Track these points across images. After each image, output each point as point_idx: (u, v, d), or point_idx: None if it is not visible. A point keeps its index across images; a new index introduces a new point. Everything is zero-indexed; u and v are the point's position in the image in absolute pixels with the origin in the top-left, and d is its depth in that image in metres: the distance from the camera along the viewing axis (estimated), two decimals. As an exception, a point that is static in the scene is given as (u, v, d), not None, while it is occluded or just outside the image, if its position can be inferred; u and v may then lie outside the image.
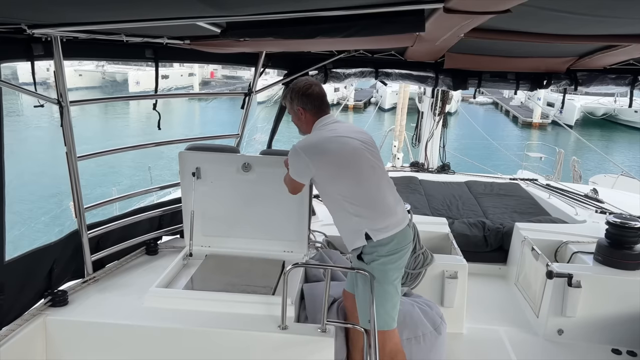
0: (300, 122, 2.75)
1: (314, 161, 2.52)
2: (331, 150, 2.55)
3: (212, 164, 3.20)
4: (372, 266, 2.54)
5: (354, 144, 2.59)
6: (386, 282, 2.55)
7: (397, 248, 2.55)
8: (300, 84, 2.71)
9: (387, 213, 2.57)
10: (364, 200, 2.56)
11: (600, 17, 2.23)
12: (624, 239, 3.63)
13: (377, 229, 2.52)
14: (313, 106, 2.68)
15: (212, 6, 1.88)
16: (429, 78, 4.18)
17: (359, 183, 2.55)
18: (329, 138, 2.59)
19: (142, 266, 3.27)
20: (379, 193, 2.59)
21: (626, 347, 3.46)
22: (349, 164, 2.54)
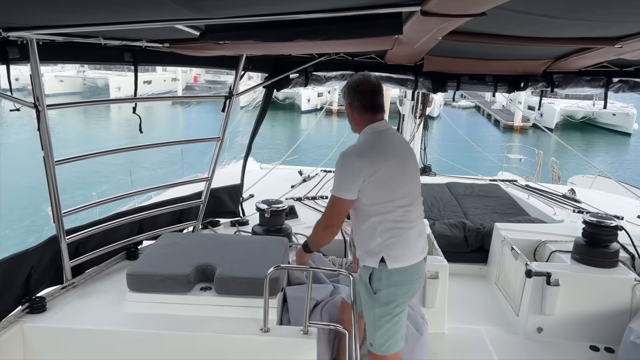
0: (349, 118, 2.62)
1: (365, 165, 2.37)
2: (379, 161, 2.41)
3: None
4: (378, 295, 2.46)
5: (401, 162, 2.48)
6: (389, 308, 2.47)
7: (407, 279, 2.47)
8: (355, 77, 2.58)
9: (410, 241, 2.47)
10: (391, 223, 2.44)
11: (573, 19, 2.29)
12: (600, 238, 3.71)
13: (394, 255, 2.43)
14: (360, 104, 2.52)
15: (189, 9, 1.88)
16: (408, 81, 4.22)
17: (392, 202, 2.44)
18: (378, 147, 2.45)
19: (123, 271, 3.23)
20: (407, 218, 2.47)
21: (604, 344, 3.52)
22: (389, 180, 2.42)
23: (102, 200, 3.48)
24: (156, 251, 3.08)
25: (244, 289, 2.74)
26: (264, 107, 4.19)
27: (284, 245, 3.18)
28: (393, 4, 1.98)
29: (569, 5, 2.03)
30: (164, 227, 3.73)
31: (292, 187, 5.82)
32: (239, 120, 7.07)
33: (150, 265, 2.87)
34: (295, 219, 4.52)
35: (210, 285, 2.83)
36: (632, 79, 4.16)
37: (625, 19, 2.28)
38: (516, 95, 22.09)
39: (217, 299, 2.78)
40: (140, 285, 2.79)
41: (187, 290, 2.79)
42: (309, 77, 4.02)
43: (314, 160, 8.24)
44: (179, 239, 3.29)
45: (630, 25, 2.42)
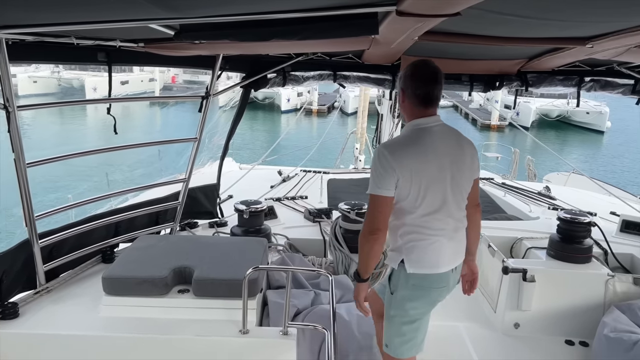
0: (400, 106, 2.41)
1: (395, 162, 2.23)
2: (410, 160, 2.25)
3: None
4: (394, 295, 2.38)
5: (439, 165, 2.29)
6: (404, 310, 2.37)
7: (426, 285, 2.33)
8: (413, 62, 2.35)
9: (432, 249, 2.31)
10: (413, 227, 2.31)
11: (545, 20, 2.33)
12: (574, 234, 3.78)
13: (414, 259, 2.30)
14: (414, 94, 2.31)
15: (163, 8, 1.85)
16: (386, 80, 4.24)
17: (418, 206, 2.29)
18: (414, 145, 2.29)
19: (98, 275, 3.18)
20: (432, 225, 2.31)
21: (578, 338, 3.59)
22: (419, 183, 2.26)
23: (76, 203, 3.42)
24: (132, 254, 3.04)
25: (222, 290, 2.72)
26: (241, 107, 4.16)
27: (262, 246, 3.16)
28: (369, 4, 1.99)
29: (540, 5, 2.06)
30: (140, 230, 3.68)
31: (271, 188, 5.80)
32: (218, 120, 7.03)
33: (126, 268, 2.83)
34: (274, 219, 4.51)
35: (188, 287, 2.80)
36: (603, 78, 4.26)
37: (595, 19, 2.33)
38: (493, 94, 22.42)
39: (195, 301, 2.75)
40: (117, 288, 2.75)
41: (165, 293, 2.76)
42: (287, 77, 4.01)
43: (293, 160, 8.24)
44: (156, 241, 3.25)
45: (600, 26, 2.48)
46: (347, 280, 3.42)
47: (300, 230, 4.38)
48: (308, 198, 5.33)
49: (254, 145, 21.23)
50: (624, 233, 4.39)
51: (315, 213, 4.61)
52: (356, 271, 2.46)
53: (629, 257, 4.09)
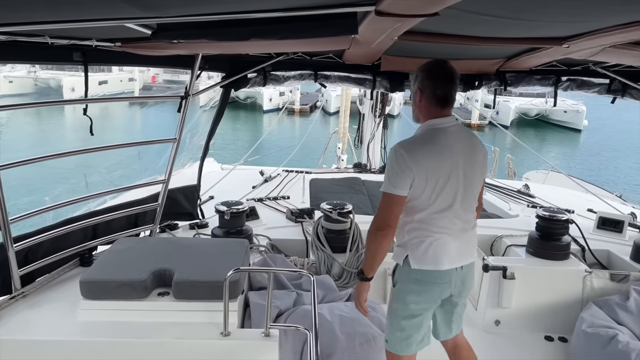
0: (415, 106, 2.43)
1: (412, 161, 2.27)
2: (424, 160, 2.29)
3: None
4: (396, 288, 2.46)
5: (452, 165, 2.33)
6: (405, 304, 2.43)
7: (428, 281, 2.38)
8: (432, 62, 2.38)
9: (437, 246, 2.35)
10: (419, 224, 2.36)
11: (521, 20, 2.35)
12: (552, 231, 3.84)
13: (418, 256, 2.36)
14: (433, 94, 2.35)
15: (139, 7, 1.82)
16: (366, 80, 4.25)
17: (428, 205, 2.33)
18: (429, 145, 2.33)
19: (76, 279, 3.12)
20: (440, 223, 2.36)
21: (557, 334, 3.64)
22: (431, 182, 2.30)
23: (53, 205, 3.35)
24: (111, 257, 2.99)
25: (203, 293, 2.69)
26: (221, 107, 4.13)
27: (244, 247, 3.14)
28: (348, 4, 1.99)
29: (516, 6, 2.09)
30: (119, 232, 3.62)
31: (253, 188, 5.76)
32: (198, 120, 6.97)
33: (104, 272, 2.78)
34: (256, 220, 4.48)
35: (168, 290, 2.77)
36: (580, 78, 4.34)
37: (570, 20, 2.37)
38: (473, 93, 22.67)
39: (175, 304, 2.71)
40: (95, 292, 2.70)
41: (144, 296, 2.72)
42: (268, 77, 3.99)
43: (275, 160, 8.20)
44: (135, 244, 3.20)
45: (575, 26, 2.52)
46: (329, 280, 3.42)
47: (282, 231, 4.36)
48: (290, 198, 5.32)
49: (235, 146, 21.11)
50: (601, 230, 4.47)
51: (297, 213, 4.59)
52: (360, 269, 2.46)
53: (606, 253, 4.17)
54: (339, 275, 3.56)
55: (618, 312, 3.30)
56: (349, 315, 3.00)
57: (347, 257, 3.61)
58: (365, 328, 2.97)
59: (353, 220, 3.79)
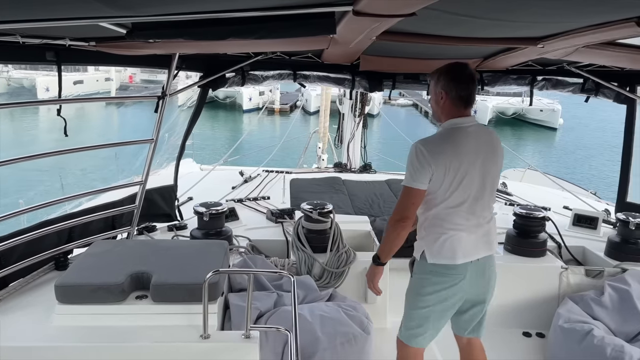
0: (438, 106, 2.55)
1: (431, 157, 2.39)
2: (443, 157, 2.40)
3: None
4: (412, 279, 2.64)
5: (470, 163, 2.44)
6: (420, 296, 2.58)
7: (443, 272, 2.50)
8: (454, 65, 2.51)
9: (451, 242, 2.48)
10: (436, 220, 2.50)
11: (498, 20, 2.38)
12: (529, 229, 3.90)
13: (434, 251, 2.51)
14: (458, 95, 2.46)
15: (112, 7, 1.79)
16: (345, 80, 4.26)
17: (444, 200, 2.46)
18: (448, 143, 2.45)
19: (51, 283, 3.05)
20: (455, 220, 2.48)
21: (535, 330, 3.70)
22: (448, 179, 2.42)
23: (27, 208, 3.27)
24: (87, 260, 2.93)
25: (182, 295, 2.66)
26: (198, 107, 4.09)
27: (223, 249, 3.11)
28: (326, 4, 1.98)
29: (493, 6, 2.11)
30: (95, 235, 3.55)
31: (233, 189, 5.72)
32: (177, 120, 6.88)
33: (80, 275, 2.73)
34: (236, 220, 4.45)
35: (146, 293, 2.73)
36: (554, 77, 4.42)
37: (545, 20, 2.40)
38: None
39: (153, 307, 2.67)
40: (70, 296, 2.65)
41: (122, 300, 2.67)
42: (246, 77, 3.96)
43: (256, 160, 8.16)
44: (112, 247, 3.15)
45: (550, 26, 2.56)
46: (310, 280, 3.42)
47: (262, 232, 4.34)
48: (270, 199, 5.29)
49: (215, 146, 20.95)
50: (576, 226, 4.56)
51: (277, 214, 4.57)
52: (375, 254, 2.63)
53: (581, 249, 4.25)
54: (319, 275, 3.55)
55: (593, 307, 3.37)
56: (329, 315, 3.00)
57: (327, 257, 3.61)
58: (346, 328, 2.97)
59: (333, 220, 3.79)
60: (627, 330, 3.23)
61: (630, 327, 3.24)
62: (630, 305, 3.30)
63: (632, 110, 4.48)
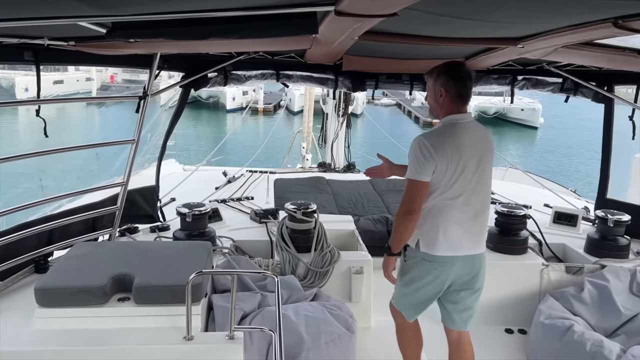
0: (437, 103, 2.67)
1: (434, 151, 2.51)
2: (443, 151, 2.53)
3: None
4: (405, 264, 2.78)
5: (465, 157, 2.57)
6: (408, 276, 2.77)
7: (434, 260, 2.64)
8: (452, 64, 2.65)
9: (444, 232, 2.61)
10: (431, 211, 2.62)
11: (478, 20, 2.41)
12: (510, 227, 3.95)
13: (427, 241, 2.64)
14: (457, 93, 2.61)
15: (90, 6, 1.76)
16: (329, 80, 4.26)
17: (442, 193, 2.59)
18: (447, 138, 2.57)
19: (31, 286, 3.00)
20: (449, 212, 2.61)
21: (517, 326, 3.75)
22: (446, 173, 2.55)
23: (5, 211, 3.20)
24: (68, 262, 2.89)
25: (164, 297, 2.64)
26: (180, 107, 4.06)
27: (206, 250, 3.09)
28: (308, 4, 1.99)
29: (473, 7, 2.13)
30: (76, 237, 3.50)
31: (216, 189, 5.69)
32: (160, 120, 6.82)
33: (61, 278, 2.68)
34: (219, 221, 4.42)
35: (129, 295, 2.70)
36: (534, 77, 4.48)
37: (524, 21, 2.44)
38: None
39: (136, 309, 2.64)
40: (51, 300, 2.60)
41: (103, 302, 2.64)
42: (228, 77, 3.94)
43: (239, 160, 8.13)
44: (93, 249, 3.11)
45: (529, 27, 2.59)
46: (294, 280, 3.41)
47: (246, 232, 4.32)
48: (254, 199, 5.28)
49: (198, 146, 20.79)
50: (556, 224, 4.63)
51: (261, 214, 4.56)
52: (387, 245, 2.74)
53: (562, 246, 4.32)
54: (304, 275, 3.55)
55: (573, 303, 3.42)
56: (314, 315, 3.00)
57: (312, 256, 3.61)
58: (330, 327, 2.97)
59: (317, 219, 3.80)
60: (606, 326, 3.29)
61: (609, 322, 3.30)
62: (609, 301, 3.37)
63: (610, 109, 4.56)
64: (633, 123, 4.30)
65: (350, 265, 3.64)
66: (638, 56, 2.99)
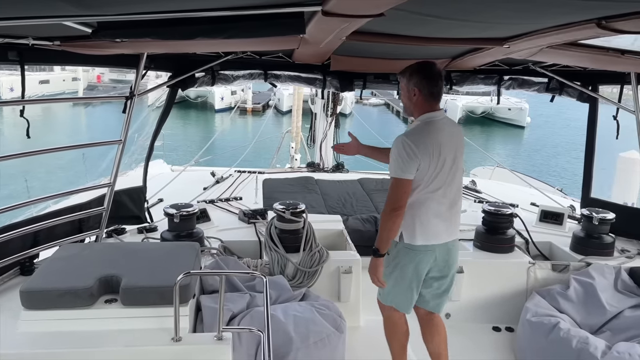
0: (411, 102, 2.80)
1: (416, 149, 2.62)
2: (423, 147, 2.64)
3: None
4: (390, 255, 2.83)
5: (440, 152, 2.69)
6: (391, 266, 2.85)
7: (414, 249, 2.78)
8: (423, 64, 2.76)
9: (422, 223, 2.75)
10: (412, 204, 2.72)
11: (465, 21, 2.42)
12: (497, 225, 3.98)
13: (408, 233, 2.77)
14: (429, 92, 2.73)
15: (75, 5, 1.75)
16: (317, 80, 4.27)
17: (422, 187, 2.71)
18: (425, 135, 2.70)
19: (16, 288, 2.96)
20: (428, 204, 2.74)
21: (504, 324, 3.79)
22: (425, 168, 2.67)
23: None
24: (54, 264, 2.86)
25: (152, 298, 2.62)
26: (167, 107, 4.03)
27: (195, 251, 3.07)
28: (295, 4, 1.99)
29: (460, 7, 2.15)
30: (62, 238, 3.47)
31: (204, 190, 5.67)
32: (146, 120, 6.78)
33: (46, 280, 2.66)
34: (207, 222, 4.40)
35: (116, 297, 2.67)
36: (520, 77, 4.53)
37: (510, 21, 2.46)
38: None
39: (123, 310, 2.62)
40: (36, 302, 2.58)
41: (90, 304, 2.61)
42: (216, 76, 3.93)
43: (228, 160, 8.09)
44: (80, 250, 3.08)
45: (514, 27, 2.62)
46: (283, 280, 3.41)
47: (234, 233, 4.31)
48: (243, 199, 5.26)
49: (186, 146, 20.68)
50: (543, 222, 4.67)
51: (250, 214, 4.55)
52: (375, 248, 2.78)
53: (548, 244, 4.37)
54: (292, 275, 3.55)
55: (560, 300, 3.46)
56: (302, 315, 3.00)
57: (300, 256, 3.61)
58: (319, 327, 2.98)
59: (306, 219, 3.80)
60: (592, 323, 3.34)
61: (594, 319, 3.35)
62: (595, 298, 3.41)
63: (595, 108, 4.62)
64: (617, 122, 4.36)
65: (339, 265, 3.65)
66: (622, 56, 3.03)
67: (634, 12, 2.01)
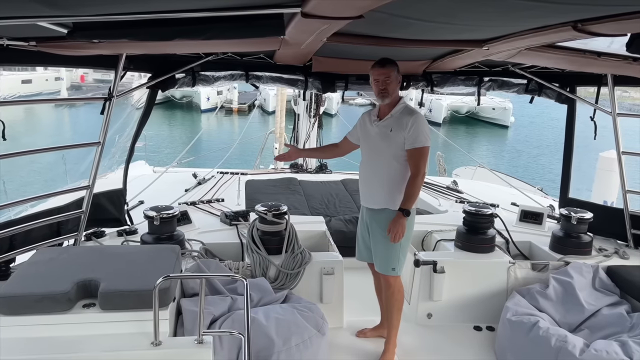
0: (397, 89, 3.18)
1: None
2: None
3: None
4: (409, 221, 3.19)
5: None
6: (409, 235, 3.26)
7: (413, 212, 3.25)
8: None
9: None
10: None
11: (444, 23, 2.44)
12: (478, 225, 4.01)
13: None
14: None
15: (48, 6, 1.72)
16: (298, 81, 4.26)
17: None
18: None
19: None
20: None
21: (485, 323, 3.82)
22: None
23: None
24: (30, 269, 2.81)
25: (131, 302, 2.59)
26: (147, 108, 3.98)
27: (175, 253, 3.05)
28: (274, 5, 1.98)
29: (439, 10, 2.16)
30: (39, 242, 3.41)
31: (186, 191, 5.62)
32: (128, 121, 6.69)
33: (23, 285, 2.61)
34: (188, 224, 4.36)
35: (94, 301, 2.64)
36: (500, 78, 4.57)
37: (489, 24, 2.48)
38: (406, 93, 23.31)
39: (102, 315, 2.59)
40: (12, 307, 2.53)
41: (68, 309, 2.58)
42: (197, 77, 3.90)
43: (212, 161, 8.03)
44: (57, 254, 3.03)
45: (493, 30, 2.64)
46: (265, 282, 3.40)
47: (216, 235, 4.28)
48: (225, 201, 5.23)
49: (171, 147, 20.48)
50: (523, 222, 4.73)
51: (231, 216, 4.52)
52: (404, 209, 3.08)
53: (528, 244, 4.42)
54: (275, 277, 3.54)
55: (539, 299, 3.50)
56: (284, 318, 3.00)
57: (282, 258, 3.60)
58: (301, 329, 2.97)
59: (288, 221, 3.79)
60: (570, 321, 3.38)
61: (573, 317, 3.39)
62: (573, 297, 3.46)
63: (573, 110, 4.68)
64: (594, 123, 4.43)
65: (322, 267, 3.65)
66: (598, 59, 3.08)
67: (608, 15, 2.04)
